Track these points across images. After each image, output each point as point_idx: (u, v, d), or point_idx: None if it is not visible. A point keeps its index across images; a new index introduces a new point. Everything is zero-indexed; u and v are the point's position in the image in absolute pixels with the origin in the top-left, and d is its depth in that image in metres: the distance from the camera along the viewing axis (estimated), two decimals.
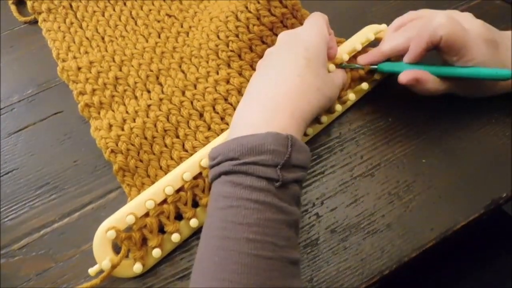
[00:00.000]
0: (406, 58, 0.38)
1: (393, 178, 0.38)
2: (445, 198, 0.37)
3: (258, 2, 0.43)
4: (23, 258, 0.36)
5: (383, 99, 0.42)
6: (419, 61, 0.37)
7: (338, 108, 0.40)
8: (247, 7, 0.43)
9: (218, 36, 0.43)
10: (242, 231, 0.27)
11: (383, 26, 0.44)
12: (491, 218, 0.38)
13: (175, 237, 0.34)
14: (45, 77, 0.46)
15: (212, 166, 0.31)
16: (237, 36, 0.43)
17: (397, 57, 0.39)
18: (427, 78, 0.36)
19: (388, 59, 0.40)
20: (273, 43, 0.43)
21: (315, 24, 0.37)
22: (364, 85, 0.41)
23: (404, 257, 0.35)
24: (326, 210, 0.37)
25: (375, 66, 0.40)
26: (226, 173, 0.30)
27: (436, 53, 0.37)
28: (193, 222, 0.35)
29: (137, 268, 0.33)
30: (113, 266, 0.33)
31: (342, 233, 0.36)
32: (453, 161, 0.39)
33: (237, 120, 0.33)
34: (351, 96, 0.40)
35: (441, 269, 0.50)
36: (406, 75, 0.37)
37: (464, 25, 0.35)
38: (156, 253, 0.34)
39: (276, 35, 0.43)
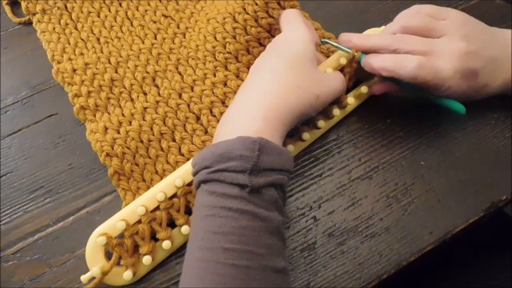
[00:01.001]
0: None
1: (391, 181, 0.38)
2: (444, 201, 0.36)
3: (256, 4, 0.42)
4: (17, 263, 0.36)
5: (381, 100, 0.41)
6: None
7: (337, 112, 0.39)
8: (244, 9, 0.42)
9: (215, 38, 0.43)
10: (218, 240, 0.27)
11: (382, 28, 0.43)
12: (491, 219, 0.37)
13: (166, 244, 0.34)
14: (40, 79, 0.45)
15: (194, 175, 0.31)
16: (234, 37, 0.42)
17: None
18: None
19: None
20: None
21: (295, 21, 0.37)
22: (364, 89, 0.40)
23: (403, 261, 0.34)
24: (323, 214, 0.36)
25: (359, 55, 0.38)
26: (204, 181, 0.30)
27: None
28: (185, 229, 0.34)
29: (127, 275, 0.33)
30: (104, 273, 0.32)
31: (339, 237, 0.35)
32: (452, 163, 0.38)
33: (217, 128, 0.33)
34: (350, 100, 0.39)
35: (440, 270, 0.50)
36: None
37: (440, 62, 0.34)
38: (147, 260, 0.33)
39: (274, 36, 0.43)
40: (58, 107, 0.43)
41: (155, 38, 0.45)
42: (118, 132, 0.39)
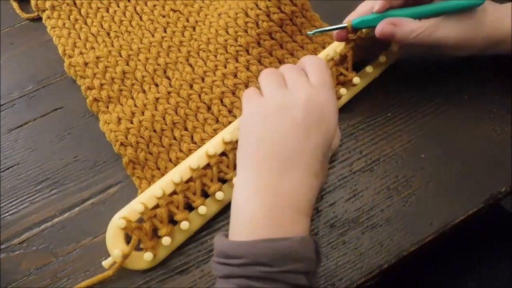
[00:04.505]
0: (375, 8, 0.36)
1: (392, 173, 0.38)
2: (444, 193, 0.37)
3: (269, 0, 0.44)
4: (23, 253, 0.36)
5: (382, 94, 0.42)
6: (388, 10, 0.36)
7: (343, 92, 0.39)
8: (257, 5, 0.44)
9: (227, 31, 0.44)
10: None
11: None
12: (490, 214, 0.38)
13: (184, 225, 0.34)
14: (45, 74, 0.46)
15: (227, 264, 0.28)
16: (246, 31, 0.43)
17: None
18: (403, 21, 0.35)
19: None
20: (281, 39, 0.43)
21: (329, 90, 0.32)
22: (369, 68, 0.41)
23: (403, 252, 0.35)
24: (325, 205, 0.37)
25: (344, 25, 0.38)
26: (253, 278, 0.27)
27: None
28: (202, 210, 0.34)
29: (148, 256, 0.33)
30: (124, 256, 0.33)
31: (341, 227, 0.36)
32: (452, 156, 0.39)
33: (245, 207, 0.30)
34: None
35: (440, 265, 0.50)
36: (381, 25, 0.35)
37: None
38: (166, 241, 0.33)
39: (285, 32, 0.44)
40: (63, 101, 0.44)
41: (165, 32, 0.46)
42: (131, 122, 0.40)
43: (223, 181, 0.36)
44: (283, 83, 0.33)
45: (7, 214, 0.38)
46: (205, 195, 0.36)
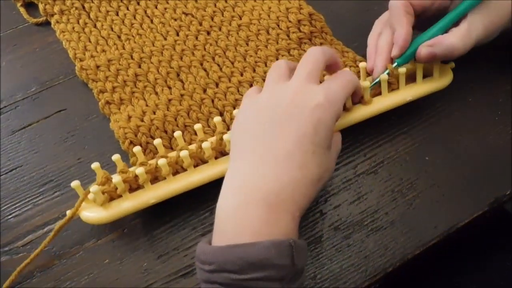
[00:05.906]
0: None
1: (396, 176, 0.38)
2: (448, 196, 0.37)
3: (289, 21, 0.45)
4: (26, 255, 0.36)
5: None
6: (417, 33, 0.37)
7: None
8: (278, 25, 0.45)
9: (247, 44, 0.45)
10: None
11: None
12: (494, 217, 0.38)
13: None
14: (49, 75, 0.46)
15: (202, 269, 0.27)
16: (266, 46, 0.44)
17: None
18: (436, 39, 0.36)
19: None
20: (299, 55, 0.44)
21: (327, 89, 0.31)
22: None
23: (408, 255, 0.35)
24: (329, 208, 0.37)
25: (387, 72, 0.38)
26: (224, 284, 0.26)
27: None
28: (161, 161, 0.34)
29: (94, 189, 0.33)
30: (86, 193, 0.33)
31: (345, 230, 0.36)
32: (456, 159, 0.39)
33: (227, 210, 0.28)
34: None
35: (442, 267, 0.50)
36: (419, 50, 0.36)
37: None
38: (116, 179, 0.33)
39: (303, 50, 0.44)
40: (67, 103, 0.44)
41: (177, 35, 0.46)
42: (142, 120, 0.39)
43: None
44: (285, 76, 0.33)
45: (10, 217, 0.38)
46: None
